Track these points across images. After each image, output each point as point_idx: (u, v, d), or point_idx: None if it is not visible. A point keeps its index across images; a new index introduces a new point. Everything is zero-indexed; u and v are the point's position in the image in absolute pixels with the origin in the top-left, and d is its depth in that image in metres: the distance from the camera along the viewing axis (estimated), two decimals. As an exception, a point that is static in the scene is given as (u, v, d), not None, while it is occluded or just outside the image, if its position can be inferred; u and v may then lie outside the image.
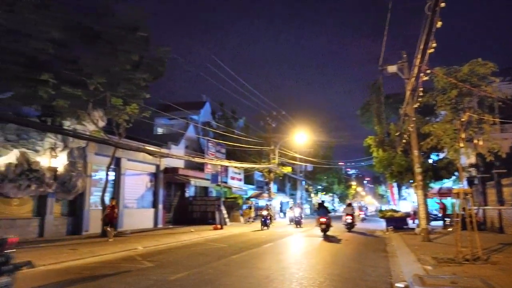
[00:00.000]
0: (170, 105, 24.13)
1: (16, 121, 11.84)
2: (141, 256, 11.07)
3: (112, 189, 19.61)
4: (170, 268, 9.00)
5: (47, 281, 7.53)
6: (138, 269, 8.87)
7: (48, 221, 15.89)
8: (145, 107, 17.56)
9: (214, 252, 12.13)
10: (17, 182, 14.41)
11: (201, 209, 26.56)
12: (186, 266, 9.19)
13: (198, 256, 11.21)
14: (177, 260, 10.30)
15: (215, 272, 8.46)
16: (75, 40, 13.68)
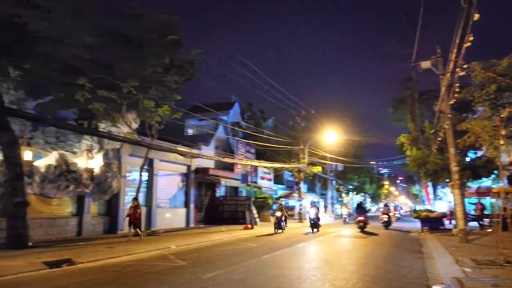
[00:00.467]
0: (200, 106, 24.51)
1: (55, 124, 12.38)
2: (174, 254, 11.29)
3: (145, 189, 20.13)
4: (203, 266, 9.12)
5: (86, 278, 7.82)
6: (172, 268, 9.04)
7: (85, 220, 16.50)
8: (176, 109, 17.90)
9: (245, 251, 12.19)
10: (57, 183, 15.04)
11: (232, 209, 26.77)
12: (218, 265, 9.29)
13: (229, 255, 11.30)
14: (209, 259, 10.43)
15: (246, 271, 8.50)
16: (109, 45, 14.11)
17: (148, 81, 16.57)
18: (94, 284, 7.27)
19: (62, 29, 11.36)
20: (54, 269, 8.86)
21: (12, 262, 8.93)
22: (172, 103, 17.57)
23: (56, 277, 8.01)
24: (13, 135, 12.31)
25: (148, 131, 17.46)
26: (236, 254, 11.46)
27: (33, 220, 13.45)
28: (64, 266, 9.23)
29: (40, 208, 14.80)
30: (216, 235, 17.13)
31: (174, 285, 7.14)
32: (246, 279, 7.57)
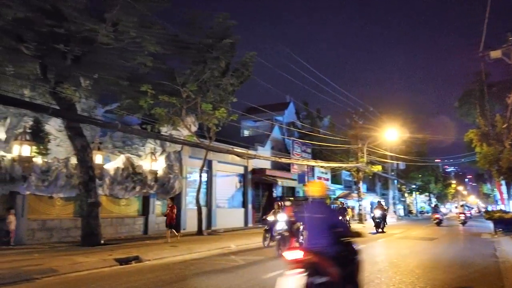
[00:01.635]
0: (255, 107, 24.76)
1: (122, 129, 13.19)
2: (234, 254, 11.50)
3: (205, 190, 20.75)
4: (262, 266, 9.19)
5: (153, 275, 8.22)
6: (232, 267, 9.22)
7: (151, 219, 17.40)
8: (233, 111, 18.28)
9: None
10: (124, 184, 16.01)
11: (289, 209, 26.67)
12: (277, 266, 9.29)
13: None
14: (269, 259, 10.48)
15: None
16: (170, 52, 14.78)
17: (206, 85, 17.12)
18: (161, 280, 7.63)
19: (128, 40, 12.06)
20: (124, 266, 9.44)
21: (87, 258, 9.65)
22: (228, 105, 17.97)
23: (127, 273, 8.52)
24: (85, 140, 13.30)
25: (206, 133, 18.01)
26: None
27: (104, 219, 14.40)
28: (133, 263, 9.80)
29: (110, 208, 15.84)
30: (274, 235, 17.15)
31: (235, 283, 7.27)
32: (307, 280, 7.50)
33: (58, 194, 13.76)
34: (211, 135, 17.86)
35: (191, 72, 17.06)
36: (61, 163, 13.85)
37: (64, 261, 9.15)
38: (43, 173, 13.18)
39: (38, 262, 8.93)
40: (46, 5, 10.28)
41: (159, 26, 12.92)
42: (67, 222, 14.08)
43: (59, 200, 14.03)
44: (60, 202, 14.06)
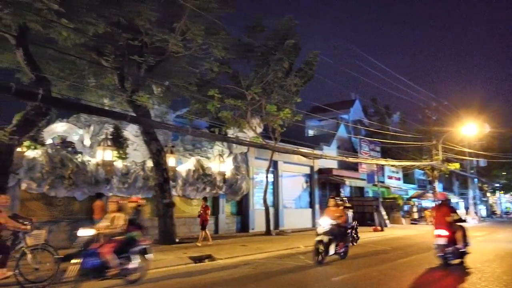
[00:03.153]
0: (320, 106, 24.43)
1: (192, 133, 13.78)
2: (303, 254, 11.43)
3: (271, 191, 20.92)
4: (333, 268, 9.02)
5: (226, 273, 8.47)
6: (302, 267, 9.18)
7: (221, 219, 17.95)
8: (297, 111, 18.22)
9: (377, 254, 11.66)
10: (195, 185, 16.72)
11: (358, 210, 25.84)
12: (348, 268, 9.08)
13: (360, 258, 10.95)
14: (338, 261, 10.27)
15: (380, 275, 8.11)
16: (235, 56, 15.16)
17: (270, 86, 17.28)
18: (234, 279, 7.83)
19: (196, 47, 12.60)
20: (198, 264, 9.84)
21: (165, 256, 10.22)
22: (292, 105, 17.95)
23: (201, 271, 8.87)
24: (159, 144, 14.11)
25: (271, 134, 18.16)
26: (367, 257, 11.05)
27: (178, 219, 15.13)
28: (206, 262, 10.18)
29: (183, 208, 16.62)
30: (344, 237, 16.75)
31: (306, 284, 7.23)
32: (382, 284, 7.23)
33: (136, 195, 14.73)
34: (276, 136, 17.96)
35: (255, 74, 17.35)
36: (138, 166, 14.84)
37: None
38: (123, 176, 14.23)
39: (122, 258, 9.63)
40: (122, 20, 11.08)
41: (224, 32, 13.30)
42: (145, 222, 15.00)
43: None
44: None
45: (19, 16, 8.73)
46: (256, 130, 18.16)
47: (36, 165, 12.03)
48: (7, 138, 9.64)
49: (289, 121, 17.69)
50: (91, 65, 12.97)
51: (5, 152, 9.72)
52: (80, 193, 13.15)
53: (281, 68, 17.15)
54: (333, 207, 10.38)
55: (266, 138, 18.35)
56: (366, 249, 13.14)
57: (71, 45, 10.37)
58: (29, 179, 11.89)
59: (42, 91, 9.14)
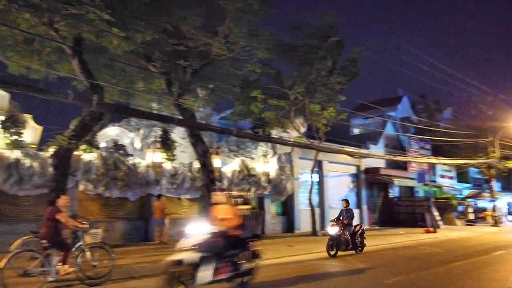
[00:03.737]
0: (365, 104, 23.82)
1: (237, 134, 13.96)
2: (351, 256, 11.19)
3: (317, 190, 20.68)
4: (384, 271, 8.76)
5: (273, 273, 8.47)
6: (351, 269, 8.99)
7: (266, 219, 18.02)
8: (341, 110, 17.87)
9: (430, 257, 11.15)
10: (241, 186, 16.91)
11: (408, 210, 24.97)
12: (400, 270, 8.77)
13: (412, 260, 10.55)
14: (390, 263, 9.95)
15: (435, 279, 7.75)
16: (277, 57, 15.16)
17: (313, 85, 17.09)
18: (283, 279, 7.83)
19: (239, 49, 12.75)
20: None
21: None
22: (337, 104, 17.63)
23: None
24: (205, 146, 14.41)
25: (315, 134, 17.95)
26: (420, 260, 10.61)
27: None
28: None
29: (229, 208, 16.87)
30: (394, 238, 16.24)
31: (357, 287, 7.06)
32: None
33: (184, 195, 15.19)
34: (320, 136, 17.73)
35: (298, 74, 17.22)
36: (185, 167, 15.26)
37: (193, 256, 10.03)
38: (172, 177, 14.70)
39: (172, 257, 9.95)
40: (168, 27, 11.45)
41: (267, 33, 13.34)
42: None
43: (186, 201, 15.45)
44: (186, 203, 15.47)
45: (74, 27, 9.28)
46: (300, 130, 18.04)
47: (92, 167, 12.74)
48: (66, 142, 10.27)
49: (334, 120, 17.39)
50: (140, 71, 13.51)
51: (64, 156, 10.37)
52: (132, 193, 13.75)
53: (324, 67, 16.91)
54: (222, 205, 6.84)
55: (310, 138, 18.17)
56: (417, 251, 12.63)
57: (122, 52, 10.85)
58: (86, 181, 12.61)
59: (96, 97, 9.68)
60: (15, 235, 9.83)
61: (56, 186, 10.07)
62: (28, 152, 11.83)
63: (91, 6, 8.61)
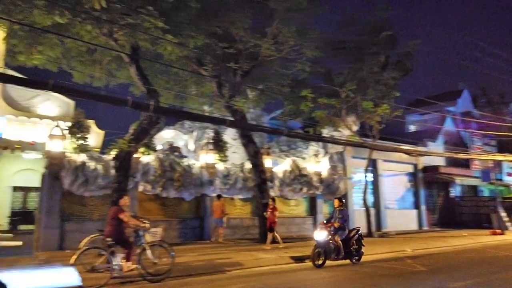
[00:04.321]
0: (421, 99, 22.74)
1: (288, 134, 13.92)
2: (410, 258, 10.73)
3: (371, 190, 20.06)
4: (447, 274, 8.29)
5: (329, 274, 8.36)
6: (411, 272, 8.61)
7: (319, 220, 17.71)
8: (396, 106, 17.19)
9: (499, 261, 10.39)
10: (292, 186, 16.83)
11: (471, 211, 23.40)
12: (465, 274, 8.25)
13: (477, 264, 9.89)
14: (453, 266, 9.40)
15: (504, 284, 7.21)
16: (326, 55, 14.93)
17: (365, 82, 16.61)
18: (337, 281, 7.69)
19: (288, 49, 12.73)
20: (300, 264, 9.89)
21: (267, 255, 10.49)
22: (391, 101, 16.99)
23: (303, 271, 8.90)
24: (256, 146, 14.55)
25: (369, 132, 17.42)
26: (486, 263, 9.92)
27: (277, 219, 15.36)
28: (307, 262, 10.16)
29: (281, 209, 16.82)
30: (456, 240, 15.33)
31: (418, 291, 6.76)
32: (507, 294, 6.42)
33: (237, 195, 15.43)
34: (374, 134, 17.18)
35: (349, 71, 16.81)
36: (237, 168, 15.50)
37: (248, 256, 10.17)
38: (225, 177, 14.99)
39: (227, 256, 10.16)
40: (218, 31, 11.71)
41: (316, 31, 13.20)
42: (246, 221, 15.62)
43: (239, 201, 15.68)
44: (239, 203, 15.70)
45: (131, 36, 9.80)
46: (352, 128, 17.60)
47: (150, 169, 13.34)
48: (126, 145, 10.87)
49: (388, 117, 16.76)
50: (192, 75, 13.94)
51: (125, 158, 10.97)
52: (187, 194, 14.20)
53: (377, 62, 16.37)
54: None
55: (363, 136, 17.67)
56: (483, 254, 11.81)
57: (175, 58, 11.28)
58: (144, 182, 13.23)
59: (153, 102, 10.13)
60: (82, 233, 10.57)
61: (118, 187, 10.69)
62: (92, 155, 12.65)
63: (146, 15, 9.04)
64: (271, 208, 12.76)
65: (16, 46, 10.49)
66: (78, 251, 7.04)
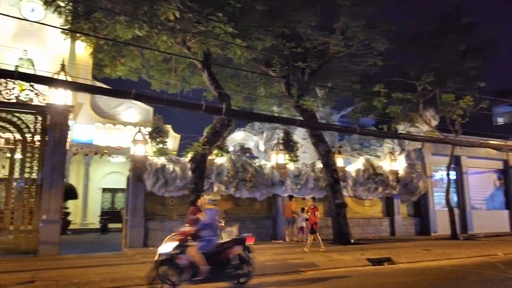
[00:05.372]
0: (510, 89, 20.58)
1: (360, 132, 13.51)
2: (503, 263, 9.74)
3: (454, 189, 18.63)
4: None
5: (409, 279, 7.91)
6: (505, 279, 7.82)
7: (396, 221, 16.93)
8: (481, 97, 15.74)
9: None
10: (366, 186, 16.24)
11: None
12: None
13: None
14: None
15: None
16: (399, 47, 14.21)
17: (442, 73, 15.48)
18: (419, 286, 7.24)
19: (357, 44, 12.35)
20: (377, 266, 9.49)
21: (342, 256, 10.23)
22: (474, 92, 15.61)
23: (381, 274, 8.54)
24: (327, 145, 14.30)
25: (450, 126, 16.19)
26: None
27: (351, 219, 14.92)
28: (385, 265, 9.74)
29: (355, 209, 16.36)
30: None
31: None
32: None
33: (309, 195, 15.26)
34: (456, 128, 15.91)
35: (425, 62, 15.79)
36: (308, 167, 15.36)
37: (322, 257, 10.02)
38: (296, 177, 14.95)
39: (300, 257, 10.11)
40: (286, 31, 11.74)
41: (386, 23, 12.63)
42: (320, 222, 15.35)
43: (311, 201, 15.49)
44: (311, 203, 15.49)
45: (203, 43, 10.24)
46: (431, 124, 16.50)
47: (223, 170, 13.77)
48: (201, 148, 11.36)
49: (472, 110, 15.40)
50: (261, 77, 14.16)
51: (200, 160, 11.48)
52: (259, 194, 14.41)
53: (456, 51, 15.17)
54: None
55: (444, 132, 16.46)
56: None
57: (244, 61, 11.53)
58: (218, 183, 13.69)
59: (225, 105, 10.46)
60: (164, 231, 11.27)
61: (195, 188, 11.22)
62: (171, 158, 13.41)
63: (216, 21, 9.37)
64: (311, 209, 11.97)
65: (102, 60, 11.53)
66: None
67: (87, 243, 14.22)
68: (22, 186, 10.28)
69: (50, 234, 10.23)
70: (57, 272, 7.75)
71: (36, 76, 10.14)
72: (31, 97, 10.37)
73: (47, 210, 10.22)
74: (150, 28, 9.56)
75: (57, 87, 10.26)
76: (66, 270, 8.04)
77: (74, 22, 10.23)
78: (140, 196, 12.73)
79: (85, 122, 18.85)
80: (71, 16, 10.26)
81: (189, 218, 7.95)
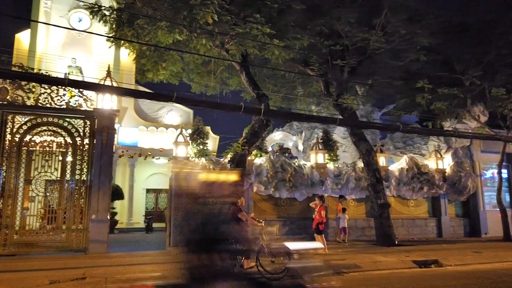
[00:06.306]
0: None
1: (403, 130, 13.08)
2: None
3: (507, 188, 17.57)
4: None
5: (459, 282, 7.55)
6: None
7: (444, 221, 16.21)
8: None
9: None
10: (411, 185, 15.67)
11: None
12: None
13: None
14: None
15: None
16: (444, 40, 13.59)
17: (492, 66, 14.66)
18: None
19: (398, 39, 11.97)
20: (424, 269, 9.14)
21: (385, 258, 9.95)
22: (529, 84, 14.64)
23: (428, 277, 8.21)
24: (368, 144, 13.95)
25: (501, 122, 15.29)
26: None
27: (395, 220, 14.49)
28: (432, 267, 9.35)
29: (399, 209, 15.85)
30: None
31: None
32: None
33: (350, 195, 14.99)
34: (508, 124, 15.01)
35: (472, 56, 15.01)
36: (349, 167, 15.06)
37: (365, 258, 9.79)
38: (336, 177, 14.71)
39: (343, 257, 9.94)
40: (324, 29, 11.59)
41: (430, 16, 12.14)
42: (361, 222, 15.06)
43: (352, 201, 15.20)
44: (353, 203, 15.21)
45: (241, 45, 10.33)
46: (480, 119, 15.67)
47: (263, 170, 13.81)
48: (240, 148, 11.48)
49: (528, 104, 14.45)
50: (299, 76, 14.07)
51: (240, 161, 11.60)
52: (299, 194, 14.32)
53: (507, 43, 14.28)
54: None
55: (494, 128, 15.59)
56: None
57: (282, 61, 11.51)
58: (258, 183, 13.75)
59: (263, 106, 10.50)
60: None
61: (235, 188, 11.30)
62: (211, 159, 13.64)
63: (254, 23, 9.43)
64: (318, 208, 11.19)
65: (145, 65, 11.95)
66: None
67: (133, 241, 14.77)
68: (73, 187, 10.84)
69: (99, 233, 10.71)
70: (106, 269, 8.12)
71: (85, 83, 10.69)
72: (80, 103, 10.92)
73: (96, 210, 10.72)
74: (189, 32, 9.78)
75: (103, 92, 10.76)
76: (115, 268, 8.41)
77: (118, 30, 10.68)
78: (182, 196, 13.02)
79: (129, 125, 19.60)
80: (115, 24, 10.71)
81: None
